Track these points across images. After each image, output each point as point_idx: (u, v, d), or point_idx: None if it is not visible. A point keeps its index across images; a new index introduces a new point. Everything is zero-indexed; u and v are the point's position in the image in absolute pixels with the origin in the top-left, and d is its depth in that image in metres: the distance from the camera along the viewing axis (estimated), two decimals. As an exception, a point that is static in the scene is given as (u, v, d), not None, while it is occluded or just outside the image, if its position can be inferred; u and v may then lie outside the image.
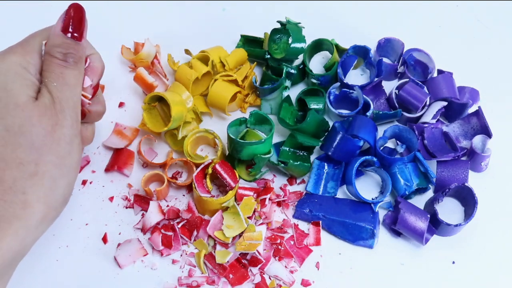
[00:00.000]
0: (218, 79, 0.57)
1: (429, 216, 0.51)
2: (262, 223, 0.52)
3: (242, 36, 0.63)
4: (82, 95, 0.43)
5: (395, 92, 0.57)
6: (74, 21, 0.42)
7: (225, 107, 0.56)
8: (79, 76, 0.42)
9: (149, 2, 0.67)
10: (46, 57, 0.41)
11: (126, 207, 0.54)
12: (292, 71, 0.58)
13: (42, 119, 0.38)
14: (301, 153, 0.55)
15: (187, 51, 0.60)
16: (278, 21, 0.59)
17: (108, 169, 0.55)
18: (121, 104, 0.59)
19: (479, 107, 0.55)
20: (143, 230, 0.52)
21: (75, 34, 0.42)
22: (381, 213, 0.54)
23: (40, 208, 0.38)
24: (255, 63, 0.61)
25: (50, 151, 0.39)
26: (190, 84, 0.56)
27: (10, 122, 0.38)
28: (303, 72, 0.60)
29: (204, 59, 0.58)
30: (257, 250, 0.49)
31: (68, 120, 0.40)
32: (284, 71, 0.57)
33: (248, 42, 0.63)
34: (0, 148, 0.37)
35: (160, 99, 0.53)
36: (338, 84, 0.57)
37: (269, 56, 0.59)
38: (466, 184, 0.51)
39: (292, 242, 0.52)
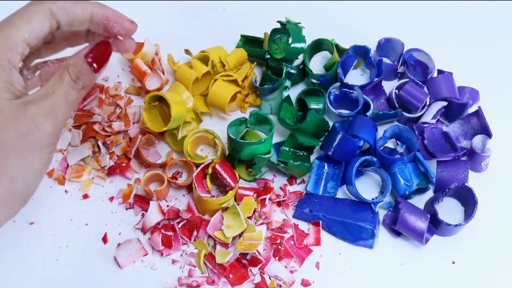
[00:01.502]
0: (218, 79, 0.57)
1: (429, 216, 0.51)
2: (262, 223, 0.52)
3: (242, 36, 0.63)
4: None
5: (395, 92, 0.57)
6: (99, 55, 0.45)
7: (225, 107, 0.56)
8: (79, 99, 0.44)
9: (149, 2, 0.67)
10: (62, 69, 0.43)
11: (126, 208, 0.54)
12: (292, 71, 0.58)
13: (17, 122, 0.39)
14: (301, 153, 0.55)
15: (187, 51, 0.60)
16: (278, 21, 0.59)
17: (110, 173, 0.55)
18: (121, 104, 0.60)
19: (479, 107, 0.55)
20: (143, 230, 0.52)
21: (94, 65, 0.45)
22: (381, 213, 0.54)
23: None
24: (255, 63, 0.62)
25: (19, 153, 0.39)
26: (190, 84, 0.56)
27: None
28: (303, 72, 0.60)
29: (204, 59, 0.58)
30: (257, 250, 0.49)
31: (50, 128, 0.41)
32: (284, 71, 0.57)
33: (248, 42, 0.63)
34: None
35: (160, 99, 0.53)
36: (338, 84, 0.57)
37: (269, 56, 0.59)
38: (466, 184, 0.51)
39: (292, 242, 0.52)
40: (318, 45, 0.60)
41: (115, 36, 0.48)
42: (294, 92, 0.58)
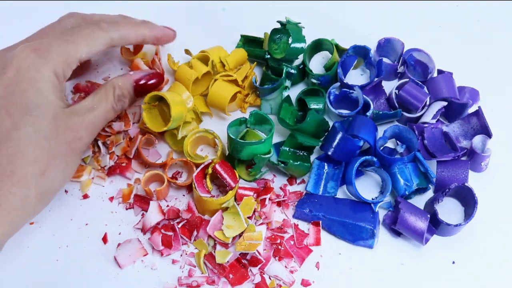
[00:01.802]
0: (218, 79, 0.57)
1: (429, 216, 0.51)
2: (262, 223, 0.52)
3: (242, 36, 0.63)
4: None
5: (395, 92, 0.57)
6: (148, 84, 0.51)
7: (225, 107, 0.56)
8: (114, 116, 0.49)
9: (149, 2, 0.67)
10: (109, 87, 0.48)
11: (126, 208, 0.54)
12: (292, 71, 0.58)
13: (66, 130, 0.44)
14: (301, 153, 0.55)
15: (187, 51, 0.60)
16: (278, 21, 0.59)
17: (110, 173, 0.55)
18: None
19: (479, 107, 0.55)
20: (143, 230, 0.52)
21: (139, 92, 0.50)
22: (381, 213, 0.54)
23: (36, 203, 0.44)
24: (255, 63, 0.62)
25: (62, 157, 0.44)
26: (190, 84, 0.56)
27: (43, 127, 0.43)
28: (303, 72, 0.60)
29: (204, 59, 0.58)
30: (257, 250, 0.49)
31: (87, 140, 0.46)
32: (284, 71, 0.57)
33: (248, 42, 0.63)
34: (24, 146, 0.42)
35: (160, 99, 0.53)
36: (338, 84, 0.57)
37: (269, 56, 0.59)
38: (466, 184, 0.51)
39: (292, 242, 0.52)
40: (318, 45, 0.60)
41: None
42: (294, 92, 0.58)
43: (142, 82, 0.50)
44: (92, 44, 0.47)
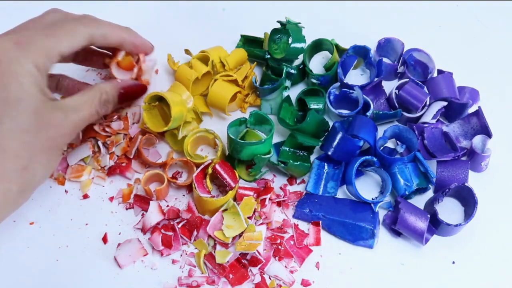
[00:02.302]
0: (218, 79, 0.57)
1: (429, 216, 0.51)
2: (262, 223, 0.52)
3: (242, 36, 0.63)
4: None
5: (395, 92, 0.57)
6: (132, 94, 0.53)
7: (225, 107, 0.56)
8: (96, 119, 0.50)
9: (149, 2, 0.67)
10: (95, 92, 0.49)
11: (127, 208, 0.54)
12: (292, 71, 0.58)
13: (49, 126, 0.44)
14: (301, 153, 0.55)
15: (187, 51, 0.60)
16: (278, 21, 0.59)
17: (110, 173, 0.55)
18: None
19: (479, 107, 0.55)
20: (143, 230, 0.52)
21: (124, 98, 0.52)
22: (381, 213, 0.54)
23: (17, 197, 0.43)
24: (255, 63, 0.61)
25: (45, 152, 0.44)
26: (190, 84, 0.56)
27: (24, 121, 0.42)
28: (303, 72, 0.60)
29: (204, 59, 0.58)
30: (257, 250, 0.49)
31: (69, 138, 0.46)
32: (284, 71, 0.57)
33: (248, 42, 0.63)
34: (6, 141, 0.41)
35: (160, 99, 0.53)
36: (338, 84, 0.57)
37: (269, 56, 0.59)
38: (466, 184, 0.51)
39: (292, 242, 0.52)
40: (318, 45, 0.60)
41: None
42: (294, 92, 0.58)
43: (126, 91, 0.52)
44: (73, 39, 0.46)
